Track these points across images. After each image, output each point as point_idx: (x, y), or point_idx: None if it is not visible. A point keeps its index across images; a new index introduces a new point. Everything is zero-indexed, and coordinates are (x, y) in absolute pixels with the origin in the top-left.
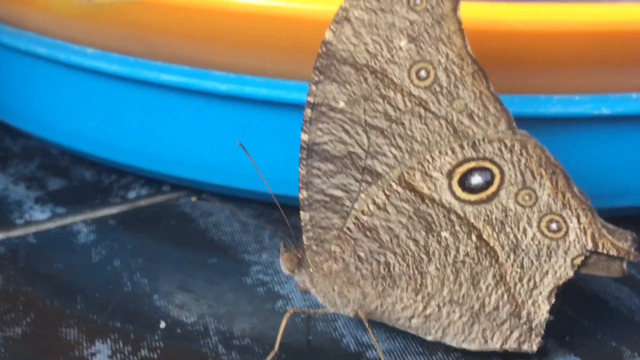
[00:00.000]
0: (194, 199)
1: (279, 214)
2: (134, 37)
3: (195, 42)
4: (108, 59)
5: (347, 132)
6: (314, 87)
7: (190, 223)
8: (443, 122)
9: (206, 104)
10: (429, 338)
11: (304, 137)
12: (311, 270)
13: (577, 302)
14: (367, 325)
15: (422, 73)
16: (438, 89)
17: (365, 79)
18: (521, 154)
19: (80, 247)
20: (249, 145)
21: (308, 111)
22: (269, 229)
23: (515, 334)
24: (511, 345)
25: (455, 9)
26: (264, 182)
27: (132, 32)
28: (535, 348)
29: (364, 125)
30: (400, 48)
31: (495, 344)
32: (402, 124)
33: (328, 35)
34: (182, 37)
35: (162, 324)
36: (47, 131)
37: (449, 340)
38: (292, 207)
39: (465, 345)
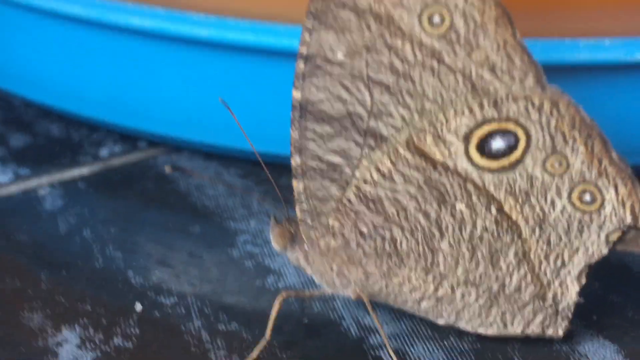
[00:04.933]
0: (167, 168)
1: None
2: None
3: None
4: None
5: (346, 88)
6: (307, 36)
7: (169, 184)
8: (459, 76)
9: (184, 52)
10: (441, 322)
11: (296, 94)
12: (306, 247)
13: (604, 273)
14: (369, 308)
15: (436, 19)
16: (454, 37)
17: (368, 26)
18: (551, 114)
19: (46, 214)
20: (233, 98)
21: (300, 64)
22: (255, 198)
23: (539, 318)
24: (534, 329)
25: None
26: (247, 139)
27: None
28: (561, 333)
29: (366, 80)
30: None
31: (515, 329)
32: (411, 78)
33: None
34: None
35: (138, 307)
36: (7, 81)
37: (463, 325)
38: (282, 166)
39: (481, 330)
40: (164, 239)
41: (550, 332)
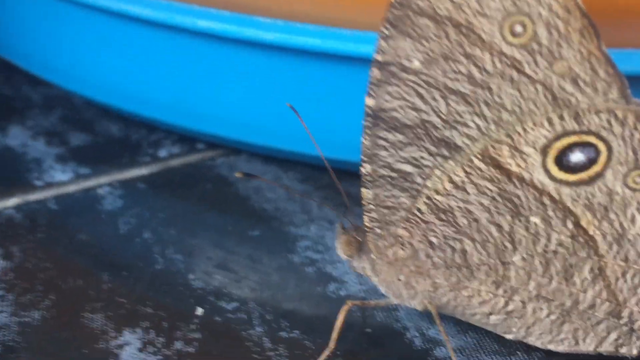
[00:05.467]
0: (238, 174)
1: (328, 178)
2: None
3: None
4: (135, 0)
5: (421, 97)
6: (383, 43)
7: (228, 187)
8: (540, 87)
9: (248, 55)
10: (509, 337)
11: (370, 102)
12: (373, 256)
13: None
14: (438, 321)
15: (518, 28)
16: (536, 47)
17: (447, 35)
18: (635, 128)
19: (106, 214)
20: (296, 102)
21: (375, 71)
22: (315, 201)
23: (613, 336)
24: (607, 348)
25: None
26: (315, 146)
27: None
28: (635, 352)
29: (442, 89)
30: None
31: (588, 346)
32: (490, 88)
33: None
34: None
35: (199, 311)
36: (69, 81)
37: (532, 340)
38: (342, 171)
39: (551, 347)
40: (223, 242)
41: (623, 350)
